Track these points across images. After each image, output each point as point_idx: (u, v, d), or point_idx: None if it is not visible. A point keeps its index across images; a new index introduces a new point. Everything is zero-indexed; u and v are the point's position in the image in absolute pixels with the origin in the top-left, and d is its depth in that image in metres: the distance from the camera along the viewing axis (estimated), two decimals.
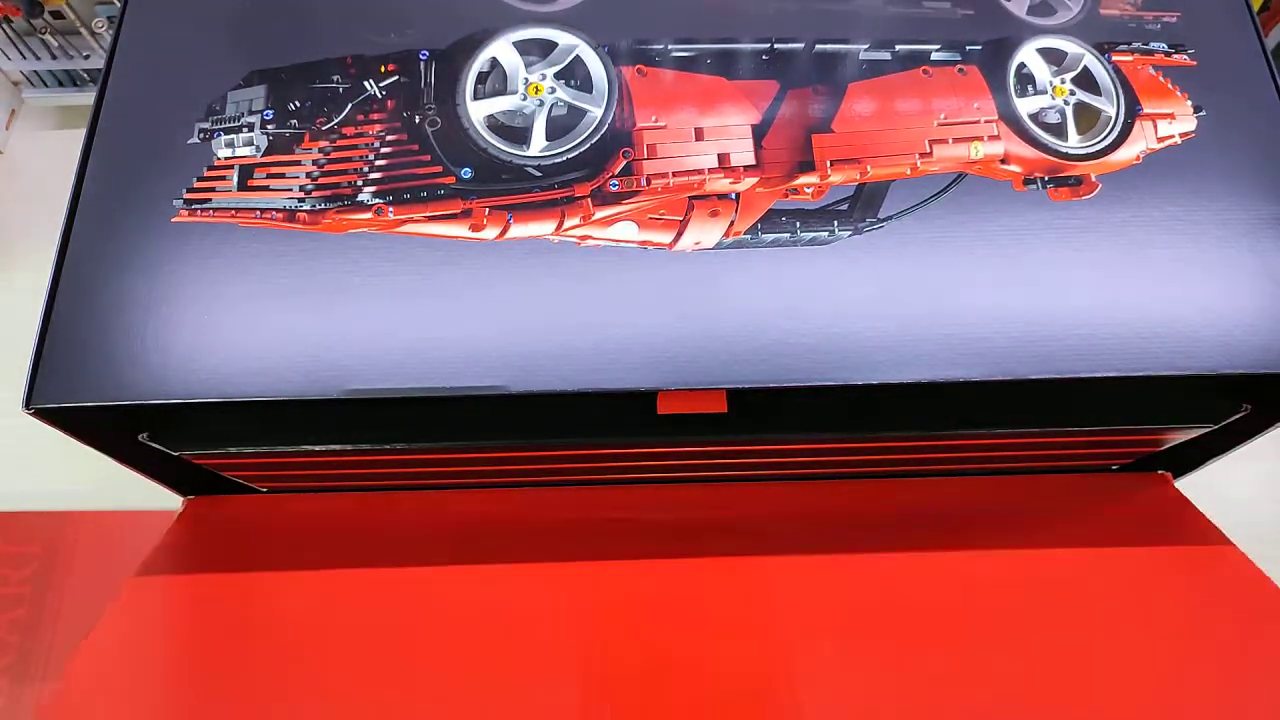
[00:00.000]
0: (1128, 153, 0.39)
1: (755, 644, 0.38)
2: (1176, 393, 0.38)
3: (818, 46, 0.41)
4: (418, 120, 0.38)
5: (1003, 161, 0.38)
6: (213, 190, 0.37)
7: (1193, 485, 0.45)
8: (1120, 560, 0.39)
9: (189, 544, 0.43)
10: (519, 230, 0.36)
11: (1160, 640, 0.37)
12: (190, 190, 0.37)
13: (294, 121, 0.38)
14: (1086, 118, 0.40)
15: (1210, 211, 0.37)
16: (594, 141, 0.38)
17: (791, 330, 0.35)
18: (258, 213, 0.36)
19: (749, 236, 0.36)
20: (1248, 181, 0.38)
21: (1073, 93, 0.40)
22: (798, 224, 0.37)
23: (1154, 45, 0.42)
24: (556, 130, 0.38)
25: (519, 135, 0.38)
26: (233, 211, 0.37)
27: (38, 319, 0.34)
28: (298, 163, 0.37)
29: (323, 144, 0.38)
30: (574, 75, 0.40)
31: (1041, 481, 0.45)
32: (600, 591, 0.39)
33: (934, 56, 0.41)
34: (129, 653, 0.38)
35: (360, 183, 0.37)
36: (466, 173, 0.37)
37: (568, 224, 0.36)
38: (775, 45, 0.41)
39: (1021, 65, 0.41)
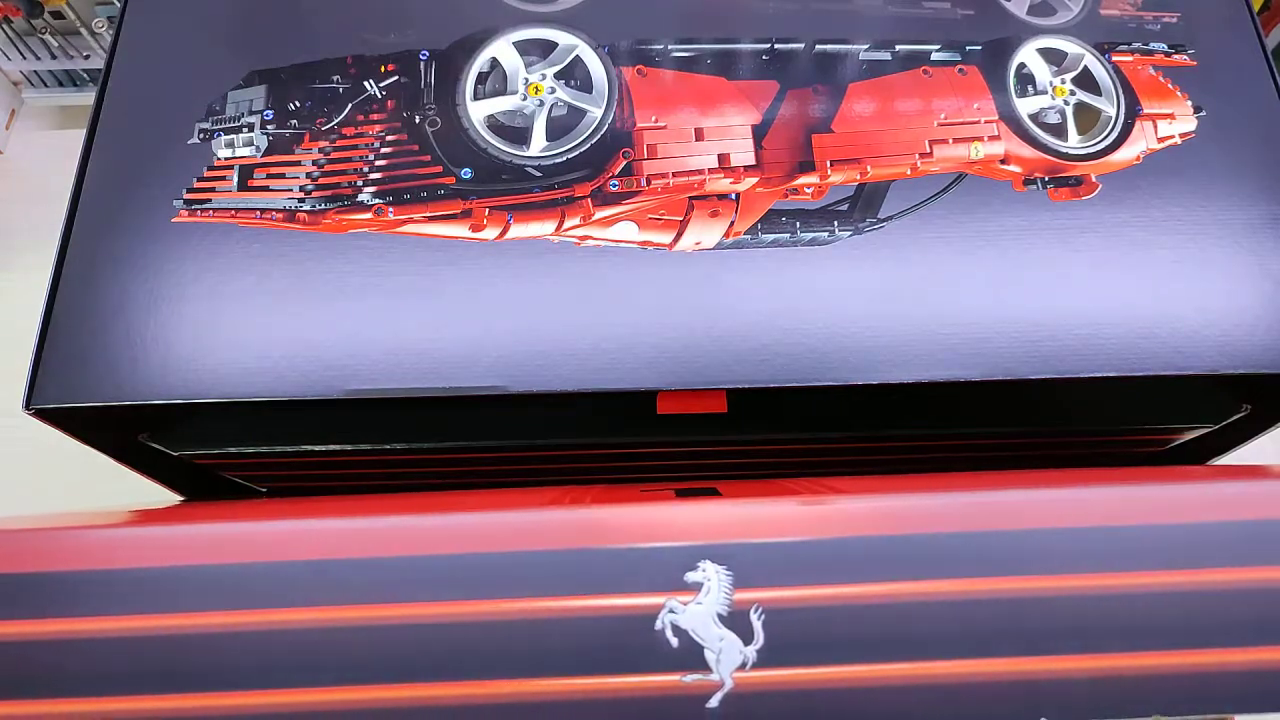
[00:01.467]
0: (1128, 153, 0.39)
1: None
2: (1176, 393, 0.38)
3: (818, 47, 0.41)
4: (418, 120, 0.38)
5: (1003, 162, 0.38)
6: (213, 190, 0.37)
7: None
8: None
9: None
10: (519, 230, 0.36)
11: None
12: (190, 190, 0.37)
13: (294, 121, 0.38)
14: (1086, 118, 0.40)
15: (1210, 211, 0.37)
16: (594, 142, 0.38)
17: (791, 330, 0.35)
18: (258, 213, 0.36)
19: (749, 237, 0.36)
20: (1248, 181, 0.38)
21: (1073, 93, 0.40)
22: (798, 224, 0.37)
23: (1154, 45, 0.42)
24: (556, 130, 0.38)
25: (519, 135, 0.38)
26: (233, 212, 0.37)
27: (38, 319, 0.34)
28: (298, 163, 0.37)
29: (323, 144, 0.38)
30: (574, 75, 0.40)
31: None
32: None
33: (934, 56, 0.41)
34: None
35: (360, 183, 0.37)
36: (466, 173, 0.37)
37: (568, 224, 0.36)
38: (775, 45, 0.41)
39: (1021, 65, 0.41)
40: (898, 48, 0.41)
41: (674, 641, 0.23)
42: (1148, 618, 0.23)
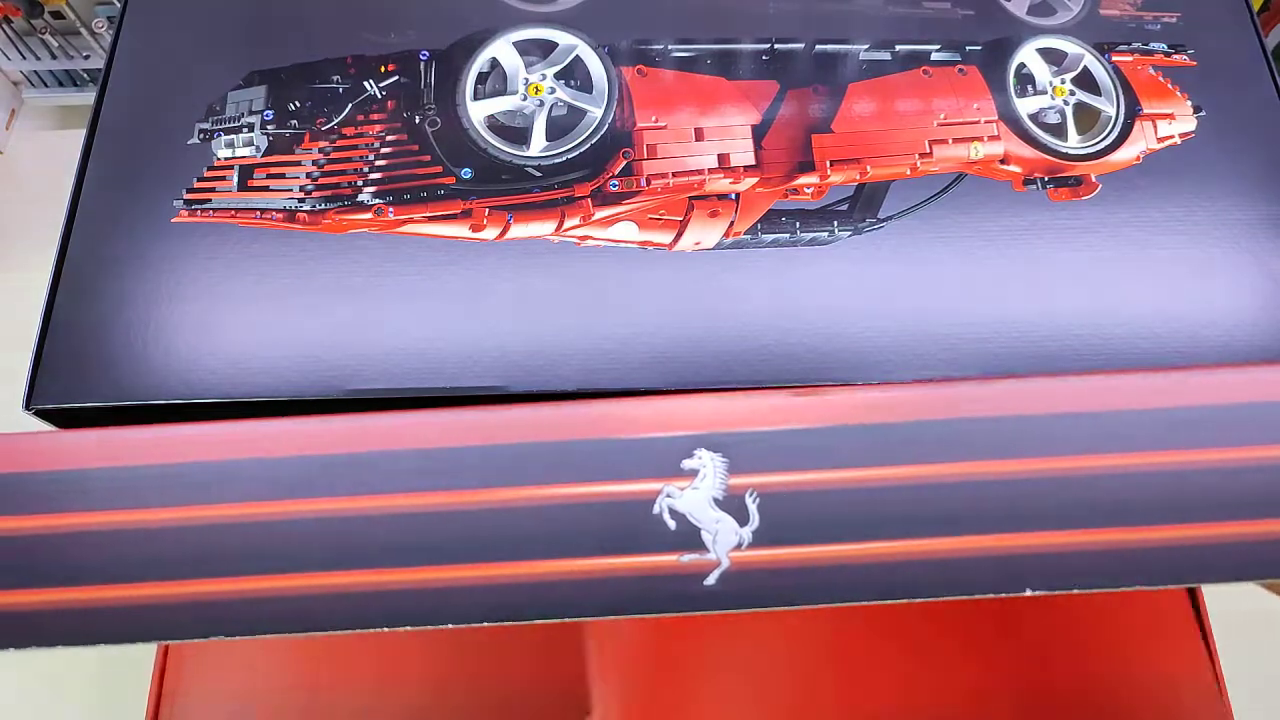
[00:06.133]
0: (1128, 153, 0.39)
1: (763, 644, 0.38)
2: None
3: (818, 47, 0.41)
4: (418, 120, 0.38)
5: (1003, 162, 0.38)
6: (213, 190, 0.37)
7: None
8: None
9: None
10: (519, 230, 0.36)
11: None
12: (190, 190, 0.37)
13: (294, 121, 0.38)
14: (1086, 118, 0.40)
15: (1210, 211, 0.37)
16: (594, 142, 0.38)
17: (791, 330, 0.35)
18: (258, 213, 0.36)
19: (749, 237, 0.36)
20: (1248, 181, 0.38)
21: (1072, 93, 0.40)
22: (798, 224, 0.37)
23: (1154, 45, 0.42)
24: (556, 130, 0.38)
25: (519, 135, 0.38)
26: (233, 212, 0.37)
27: (38, 319, 0.34)
28: (298, 163, 0.37)
29: (323, 144, 0.38)
30: (574, 75, 0.40)
31: None
32: None
33: (934, 56, 0.41)
34: None
35: (360, 183, 0.37)
36: (466, 173, 0.37)
37: (568, 224, 0.36)
38: (775, 45, 0.41)
39: (1021, 65, 0.41)
40: (898, 48, 0.41)
41: (672, 524, 0.24)
42: (1126, 495, 0.24)
